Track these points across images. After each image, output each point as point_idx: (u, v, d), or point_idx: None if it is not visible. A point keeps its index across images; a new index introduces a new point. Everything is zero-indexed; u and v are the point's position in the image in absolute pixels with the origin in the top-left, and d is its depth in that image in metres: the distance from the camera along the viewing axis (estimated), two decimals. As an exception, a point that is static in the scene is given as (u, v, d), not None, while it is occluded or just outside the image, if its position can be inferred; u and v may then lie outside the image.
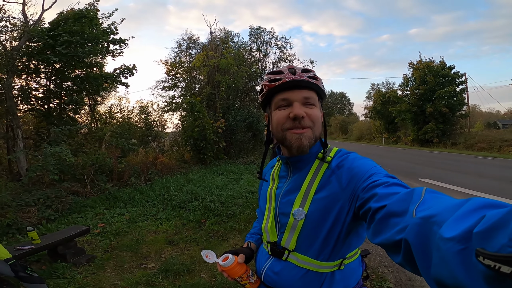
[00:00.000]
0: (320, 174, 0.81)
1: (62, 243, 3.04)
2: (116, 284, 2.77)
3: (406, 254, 0.45)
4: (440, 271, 0.36)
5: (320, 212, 0.78)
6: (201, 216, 4.67)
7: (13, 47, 6.83)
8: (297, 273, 0.82)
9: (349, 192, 0.74)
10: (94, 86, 8.05)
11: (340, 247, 0.79)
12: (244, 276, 0.90)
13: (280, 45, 15.64)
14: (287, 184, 0.87)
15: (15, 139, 6.05)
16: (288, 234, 0.83)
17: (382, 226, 0.54)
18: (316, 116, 0.80)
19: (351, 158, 0.80)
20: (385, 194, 0.58)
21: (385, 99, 25.77)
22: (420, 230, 0.42)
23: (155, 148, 10.46)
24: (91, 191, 5.39)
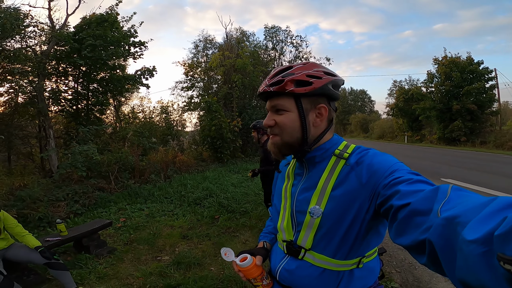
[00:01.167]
0: (337, 171, 0.78)
1: (87, 235, 3.30)
2: (132, 274, 2.97)
3: (431, 255, 0.44)
4: (465, 273, 0.35)
5: (337, 209, 0.76)
6: (215, 212, 4.86)
7: (42, 51, 7.35)
8: (314, 272, 0.81)
9: (369, 189, 0.71)
10: (117, 87, 8.48)
11: (359, 246, 0.78)
12: (258, 278, 0.90)
13: (296, 44, 15.57)
14: (303, 181, 0.85)
15: (47, 138, 6.54)
16: (304, 233, 0.82)
17: (405, 226, 0.53)
18: (282, 123, 0.79)
19: (371, 154, 0.76)
20: (409, 192, 0.57)
21: (408, 96, 24.85)
22: (444, 231, 0.41)
23: (174, 147, 10.84)
24: (115, 187, 5.76)
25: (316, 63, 0.82)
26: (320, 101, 0.79)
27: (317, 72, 0.78)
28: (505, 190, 5.55)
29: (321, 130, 0.82)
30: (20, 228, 2.53)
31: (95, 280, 2.80)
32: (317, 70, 0.79)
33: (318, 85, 0.76)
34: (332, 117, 0.85)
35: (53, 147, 6.41)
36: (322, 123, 0.81)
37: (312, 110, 0.79)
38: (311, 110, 0.79)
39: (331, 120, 0.84)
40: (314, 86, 0.76)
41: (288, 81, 0.77)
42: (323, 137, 0.82)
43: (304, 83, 0.76)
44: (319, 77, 0.77)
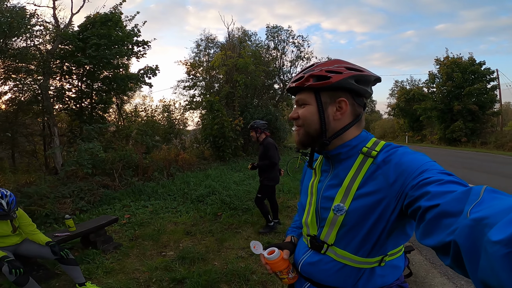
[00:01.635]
0: (364, 169, 0.78)
1: (94, 231, 3.37)
2: (138, 269, 3.04)
3: (455, 256, 0.43)
4: (487, 274, 0.35)
5: (362, 208, 0.76)
6: (218, 209, 4.94)
7: (47, 50, 7.42)
8: (334, 266, 0.83)
9: (396, 189, 0.70)
10: (121, 86, 8.54)
11: (382, 244, 0.78)
12: (284, 271, 0.92)
13: (298, 44, 15.62)
14: (329, 178, 0.86)
15: (51, 136, 6.63)
16: (327, 229, 0.83)
17: (433, 227, 0.52)
18: (303, 115, 0.84)
19: (400, 153, 0.74)
20: (439, 193, 0.55)
21: (410, 97, 24.93)
22: (471, 232, 0.40)
23: (177, 145, 10.92)
24: (119, 185, 5.84)
25: (342, 60, 0.85)
26: (340, 95, 0.80)
27: (337, 68, 0.80)
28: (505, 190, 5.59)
29: (343, 124, 0.82)
30: (32, 227, 2.60)
31: (102, 275, 2.87)
32: (339, 65, 0.81)
33: (336, 79, 0.78)
34: (359, 113, 0.84)
35: (58, 145, 6.49)
36: (344, 117, 0.82)
37: (331, 104, 0.81)
38: (330, 103, 0.81)
39: (357, 116, 0.83)
40: (332, 80, 0.78)
41: (307, 76, 0.81)
42: (346, 131, 0.82)
43: (323, 78, 0.79)
44: (339, 72, 0.79)
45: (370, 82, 0.83)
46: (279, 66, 15.82)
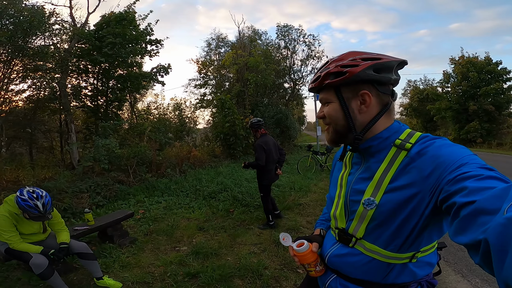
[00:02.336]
0: (397, 162, 0.75)
1: (111, 225, 3.45)
2: (153, 263, 3.11)
3: (485, 254, 0.42)
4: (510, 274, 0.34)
5: (393, 202, 0.73)
6: (230, 206, 5.00)
7: (65, 48, 7.60)
8: (362, 259, 0.81)
9: (431, 183, 0.67)
10: (134, 84, 8.70)
11: (414, 240, 0.75)
12: (312, 263, 0.92)
13: (308, 42, 15.53)
14: (360, 171, 0.84)
15: (68, 132, 6.81)
16: (356, 223, 0.81)
17: (467, 224, 0.49)
18: (328, 113, 0.84)
19: (438, 145, 0.71)
20: (477, 189, 0.52)
21: (423, 96, 24.38)
22: (504, 231, 0.38)
23: (189, 142, 11.05)
24: (133, 181, 5.96)
25: (356, 51, 0.83)
26: (361, 88, 0.78)
27: (352, 61, 0.78)
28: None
29: (371, 116, 0.80)
30: (61, 225, 2.63)
31: (118, 269, 2.94)
32: (354, 58, 0.79)
33: (353, 73, 0.77)
34: (387, 102, 0.81)
35: (75, 141, 6.67)
36: (370, 109, 0.80)
37: (354, 98, 0.80)
38: (353, 98, 0.80)
39: (384, 105, 0.81)
40: (348, 75, 0.77)
41: (324, 75, 0.81)
42: (375, 123, 0.80)
43: (340, 74, 0.78)
44: (355, 65, 0.77)
45: (393, 68, 0.80)
46: (290, 65, 15.77)
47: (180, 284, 2.67)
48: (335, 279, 0.90)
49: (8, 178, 4.45)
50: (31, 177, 4.78)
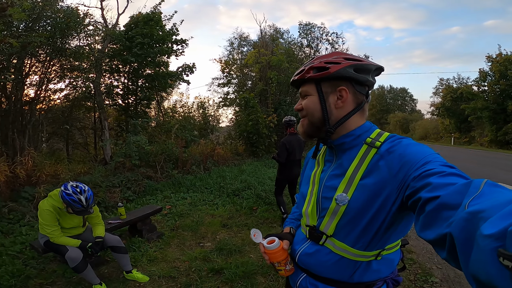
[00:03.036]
0: (368, 159, 0.78)
1: (141, 219, 3.59)
2: (178, 258, 3.21)
3: (451, 249, 0.43)
4: (477, 267, 0.35)
5: (364, 198, 0.76)
6: (253, 203, 5.06)
7: (99, 49, 8.02)
8: (331, 258, 0.83)
9: (398, 180, 0.70)
10: (162, 83, 9.01)
11: (380, 237, 0.78)
12: (282, 262, 0.91)
13: (332, 41, 15.24)
14: (332, 168, 0.86)
15: (102, 129, 7.20)
16: (328, 219, 0.83)
17: (432, 219, 0.51)
18: (306, 106, 0.86)
19: (405, 144, 0.74)
20: (440, 184, 0.54)
21: (457, 96, 23.08)
22: (466, 225, 0.40)
23: (213, 140, 11.27)
24: (160, 177, 6.20)
25: (340, 51, 0.89)
26: (341, 84, 0.82)
27: (336, 59, 0.82)
28: None
29: (345, 112, 0.83)
30: (98, 218, 2.72)
31: (146, 263, 3.06)
32: (337, 57, 0.83)
33: (335, 69, 0.80)
34: (361, 101, 0.85)
35: (108, 138, 7.04)
36: (346, 105, 0.83)
37: (332, 93, 0.83)
38: (331, 93, 0.83)
39: (359, 104, 0.84)
40: (330, 70, 0.80)
41: (308, 69, 0.85)
42: (348, 119, 0.83)
43: (322, 69, 0.82)
44: (337, 63, 0.81)
45: (371, 71, 0.84)
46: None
47: (204, 279, 2.75)
48: (305, 278, 0.91)
49: (48, 172, 4.78)
50: (69, 171, 5.11)
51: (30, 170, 4.53)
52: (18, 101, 5.82)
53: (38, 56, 6.52)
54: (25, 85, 6.29)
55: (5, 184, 4.13)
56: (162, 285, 2.68)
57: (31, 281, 2.64)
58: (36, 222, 3.99)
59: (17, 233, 3.65)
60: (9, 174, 4.20)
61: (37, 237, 3.35)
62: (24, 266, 2.85)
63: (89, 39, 7.54)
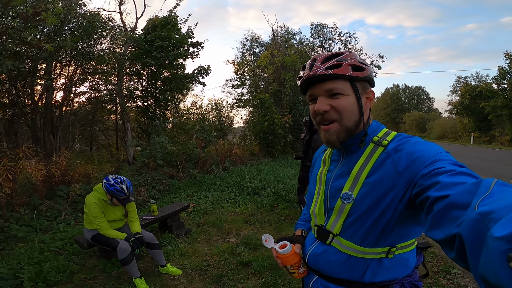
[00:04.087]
0: (374, 157, 0.77)
1: (171, 216, 3.74)
2: (207, 253, 3.36)
3: (460, 250, 0.43)
4: (486, 269, 0.35)
5: (370, 197, 0.75)
6: (274, 201, 5.17)
7: (120, 53, 8.31)
8: (340, 258, 0.82)
9: (406, 178, 0.69)
10: (179, 85, 9.24)
11: (388, 235, 0.76)
12: (295, 265, 0.91)
13: (345, 40, 15.21)
14: (339, 167, 0.86)
15: (125, 131, 7.48)
16: (334, 218, 0.83)
17: (441, 218, 0.50)
18: (343, 107, 0.78)
19: (413, 142, 0.74)
20: (449, 183, 0.54)
21: (476, 94, 22.44)
22: (476, 226, 0.39)
23: (230, 140, 11.46)
24: (182, 176, 6.41)
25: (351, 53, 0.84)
26: (368, 86, 0.83)
27: (363, 61, 0.82)
28: None
29: (368, 114, 0.83)
30: (134, 213, 2.89)
31: (178, 257, 3.21)
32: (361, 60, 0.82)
33: (369, 71, 0.81)
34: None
35: (131, 139, 7.31)
36: (369, 107, 0.83)
37: (363, 94, 0.81)
38: (362, 94, 0.80)
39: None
40: (367, 72, 0.80)
41: (346, 65, 0.78)
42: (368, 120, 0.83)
43: (359, 68, 0.79)
44: (366, 65, 0.82)
45: None
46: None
47: (234, 271, 2.89)
48: (316, 280, 0.90)
49: (80, 172, 5.06)
50: (99, 170, 5.37)
51: (64, 170, 4.80)
52: (48, 104, 6.16)
53: (61, 60, 6.84)
54: (55, 89, 6.63)
55: (42, 183, 4.39)
56: (195, 278, 2.83)
57: (75, 276, 2.79)
58: (72, 220, 4.26)
59: (56, 230, 3.87)
60: (45, 173, 4.46)
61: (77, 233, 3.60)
62: (67, 261, 3.01)
63: (112, 43, 7.83)
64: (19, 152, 4.22)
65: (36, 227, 3.84)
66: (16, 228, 3.61)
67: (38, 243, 3.37)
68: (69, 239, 3.51)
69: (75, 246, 3.29)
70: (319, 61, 0.79)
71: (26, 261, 2.89)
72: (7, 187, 3.67)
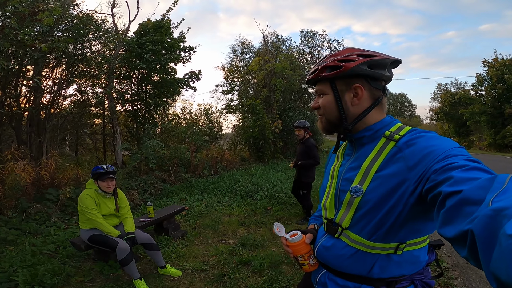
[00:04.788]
0: (385, 152, 0.77)
1: (167, 218, 3.72)
2: (205, 253, 3.36)
3: (471, 247, 0.41)
4: (498, 266, 0.34)
5: (379, 191, 0.75)
6: (267, 204, 5.23)
7: (111, 55, 8.18)
8: (348, 252, 0.82)
9: (418, 173, 0.68)
10: (170, 90, 9.18)
11: (398, 230, 0.75)
12: (306, 256, 0.91)
13: (333, 48, 15.66)
14: (351, 161, 0.87)
15: (114, 134, 7.34)
16: (344, 211, 0.83)
17: (453, 214, 0.49)
18: (322, 104, 0.88)
19: (428, 137, 0.73)
20: (463, 179, 0.52)
21: (455, 100, 23.52)
22: (489, 222, 0.38)
23: (221, 145, 11.44)
24: (174, 180, 6.35)
25: (354, 48, 0.87)
26: (355, 82, 0.82)
27: (349, 56, 0.82)
28: None
29: (363, 109, 0.84)
30: (127, 209, 2.89)
31: (176, 258, 3.20)
32: (350, 54, 0.83)
33: (348, 67, 0.81)
34: (378, 96, 0.85)
35: (120, 142, 7.18)
36: (362, 102, 0.83)
37: (348, 90, 0.83)
38: (347, 91, 0.83)
39: (376, 99, 0.85)
40: (344, 69, 0.81)
41: (321, 68, 0.86)
42: (366, 115, 0.84)
43: (335, 68, 0.83)
44: (350, 60, 0.81)
45: (387, 66, 0.84)
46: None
47: (234, 270, 2.90)
48: (324, 274, 0.92)
49: (69, 175, 4.93)
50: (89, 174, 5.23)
51: (53, 173, 4.66)
52: (37, 106, 5.98)
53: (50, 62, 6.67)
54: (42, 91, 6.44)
55: (30, 186, 4.26)
56: (195, 278, 2.82)
57: (72, 278, 2.73)
58: (63, 223, 4.14)
59: (46, 233, 3.76)
60: (34, 176, 4.33)
61: (69, 236, 3.50)
62: (62, 264, 2.94)
63: (104, 46, 7.71)
64: (8, 154, 4.07)
65: (25, 230, 3.72)
66: (5, 231, 3.49)
67: (29, 246, 3.27)
68: (61, 242, 3.42)
69: (68, 249, 3.22)
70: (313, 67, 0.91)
71: (19, 264, 2.81)
72: (-5, 189, 3.53)
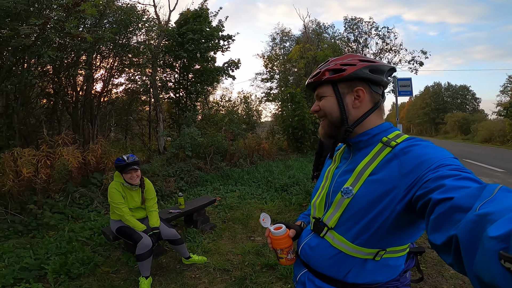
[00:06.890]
0: (381, 157, 0.78)
1: (197, 210, 3.67)
2: (231, 251, 3.25)
3: (456, 251, 0.43)
4: (481, 268, 0.35)
5: (369, 194, 0.76)
6: (303, 200, 4.93)
7: (155, 45, 8.47)
8: (330, 252, 0.83)
9: (410, 180, 0.69)
10: (209, 78, 9.27)
11: (381, 236, 0.76)
12: (285, 250, 0.92)
13: (383, 35, 14.35)
14: (346, 164, 0.88)
15: (158, 121, 7.65)
16: (332, 211, 0.84)
17: (443, 221, 0.50)
18: (323, 106, 0.88)
19: (424, 145, 0.74)
20: (454, 187, 0.54)
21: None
22: (473, 227, 0.40)
23: (259, 134, 11.35)
24: (210, 168, 6.42)
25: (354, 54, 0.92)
26: (357, 85, 0.84)
27: (351, 61, 0.84)
28: None
29: (363, 111, 0.85)
30: (153, 202, 2.84)
31: (201, 254, 3.12)
32: (352, 59, 0.85)
33: (351, 70, 0.83)
34: (377, 101, 0.87)
35: (162, 129, 7.46)
36: (363, 105, 0.85)
37: (349, 93, 0.85)
38: (348, 93, 0.85)
39: (375, 103, 0.86)
40: (347, 72, 0.83)
41: (324, 71, 0.87)
42: (366, 118, 0.85)
43: (338, 71, 0.84)
44: (353, 64, 0.83)
45: (385, 72, 0.86)
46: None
47: (258, 274, 2.74)
48: (304, 273, 0.93)
49: (114, 160, 5.21)
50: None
51: (99, 158, 4.96)
52: (88, 94, 6.43)
53: (102, 52, 7.11)
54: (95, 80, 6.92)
55: (77, 170, 4.56)
56: (216, 278, 2.73)
57: (98, 269, 2.79)
58: (103, 208, 4.36)
59: (86, 219, 3.95)
60: (81, 160, 4.62)
61: (106, 223, 3.65)
62: (93, 253, 3.01)
63: (147, 36, 8.00)
64: (58, 139, 4.40)
65: (68, 215, 3.96)
66: (49, 216, 3.73)
67: (67, 232, 3.45)
68: (97, 229, 3.56)
69: (101, 236, 3.32)
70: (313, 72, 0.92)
71: (54, 251, 2.95)
72: (43, 173, 3.82)
